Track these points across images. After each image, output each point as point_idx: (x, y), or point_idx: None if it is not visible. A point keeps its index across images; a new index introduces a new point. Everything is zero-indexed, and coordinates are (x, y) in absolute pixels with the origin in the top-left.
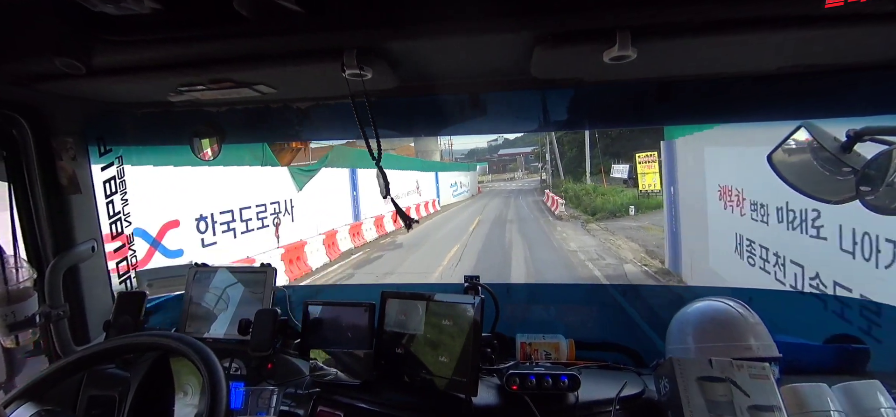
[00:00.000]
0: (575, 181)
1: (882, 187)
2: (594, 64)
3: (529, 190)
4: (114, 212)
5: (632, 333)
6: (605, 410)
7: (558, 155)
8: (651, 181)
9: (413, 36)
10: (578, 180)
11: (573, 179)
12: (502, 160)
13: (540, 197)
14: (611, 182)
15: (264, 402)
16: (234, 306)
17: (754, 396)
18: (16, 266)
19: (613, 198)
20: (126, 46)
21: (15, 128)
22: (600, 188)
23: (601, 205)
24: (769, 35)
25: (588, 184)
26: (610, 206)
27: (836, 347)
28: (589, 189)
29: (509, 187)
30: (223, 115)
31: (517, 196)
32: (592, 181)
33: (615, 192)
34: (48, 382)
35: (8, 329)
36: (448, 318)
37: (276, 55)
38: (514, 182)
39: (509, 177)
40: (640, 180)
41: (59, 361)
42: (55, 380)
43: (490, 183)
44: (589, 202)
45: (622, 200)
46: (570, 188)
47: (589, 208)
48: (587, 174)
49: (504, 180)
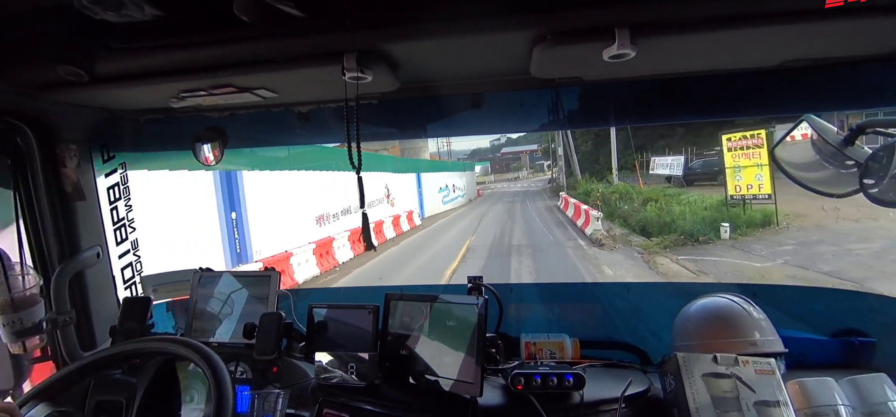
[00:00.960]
0: (595, 179)
1: (885, 180)
2: (594, 62)
3: (537, 192)
4: (118, 218)
5: (636, 331)
6: (611, 408)
7: (573, 149)
8: (753, 182)
9: (412, 38)
10: (600, 177)
11: (592, 176)
12: (505, 159)
13: (552, 201)
14: (648, 180)
15: (270, 405)
16: (238, 310)
17: (760, 391)
18: (22, 273)
19: (678, 207)
20: (128, 53)
21: (19, 136)
22: (639, 189)
23: (656, 218)
24: (770, 30)
25: (617, 183)
26: (682, 221)
27: (842, 341)
28: (622, 191)
29: (513, 188)
30: (225, 119)
31: (524, 201)
32: (620, 179)
33: (667, 195)
34: (58, 386)
35: (15, 336)
36: (452, 319)
37: (276, 59)
38: (518, 182)
39: (513, 177)
40: (732, 180)
41: (69, 365)
42: (64, 385)
43: (492, 184)
44: (630, 212)
45: (702, 211)
46: (594, 189)
47: (635, 224)
48: (613, 171)
49: (507, 180)
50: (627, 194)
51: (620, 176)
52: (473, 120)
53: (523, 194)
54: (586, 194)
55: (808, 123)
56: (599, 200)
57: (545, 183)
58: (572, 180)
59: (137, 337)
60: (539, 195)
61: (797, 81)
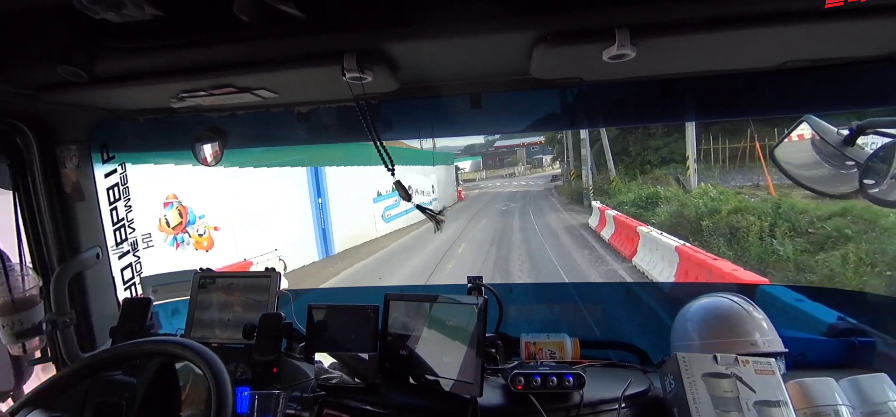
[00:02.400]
0: (628, 177)
1: (886, 181)
2: (594, 63)
3: (540, 193)
4: (117, 219)
5: (636, 331)
6: (611, 408)
7: (606, 138)
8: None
9: (413, 38)
10: (630, 175)
11: (625, 169)
12: (499, 154)
13: (568, 211)
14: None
15: (270, 406)
16: (238, 310)
17: (760, 391)
18: (22, 274)
19: None
20: (128, 54)
21: (19, 136)
22: (768, 197)
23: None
24: (770, 31)
25: (700, 186)
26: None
27: (843, 341)
28: (733, 202)
29: (509, 188)
30: (225, 120)
31: (524, 210)
32: (701, 179)
33: None
34: (56, 389)
35: (15, 337)
36: (452, 319)
37: (276, 60)
38: (514, 180)
39: (508, 173)
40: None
41: (65, 368)
42: (63, 387)
43: (483, 182)
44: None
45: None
46: (658, 197)
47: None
48: (689, 164)
49: (502, 177)
50: (748, 209)
51: (703, 172)
52: (473, 120)
53: (522, 198)
54: (641, 206)
55: (808, 124)
56: (689, 219)
57: (546, 180)
58: (600, 179)
59: (138, 338)
60: (544, 198)
61: (797, 82)
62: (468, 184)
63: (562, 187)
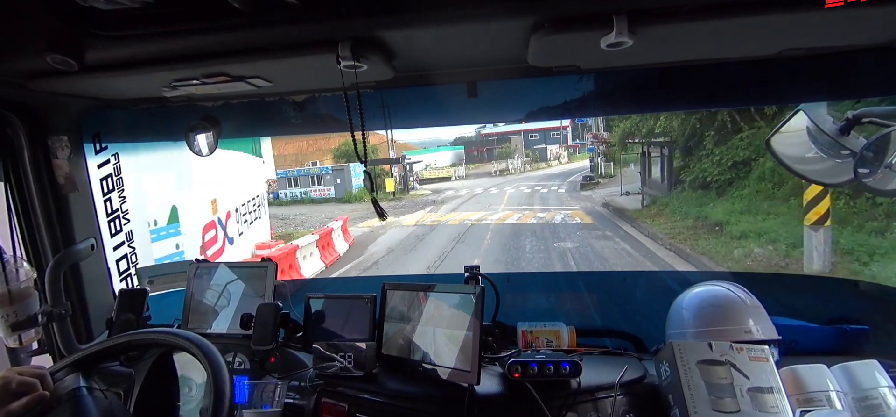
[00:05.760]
0: None
1: (880, 170)
2: (592, 51)
3: (587, 230)
4: (112, 209)
5: (632, 319)
6: (607, 395)
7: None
8: None
9: (409, 25)
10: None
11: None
12: (487, 143)
13: None
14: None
15: (268, 395)
16: (235, 301)
17: (754, 378)
18: (16, 266)
19: None
20: (118, 42)
21: (10, 127)
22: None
23: None
24: (768, 19)
25: None
26: None
27: (836, 328)
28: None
29: (497, 204)
30: (219, 109)
31: None
32: None
33: None
34: (90, 360)
35: (10, 329)
36: (449, 308)
37: (270, 48)
38: (507, 179)
39: (498, 169)
40: None
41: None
42: (95, 360)
43: (458, 181)
44: None
45: None
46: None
47: None
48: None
49: (488, 176)
50: None
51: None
52: (470, 109)
53: (541, 244)
54: None
55: (804, 113)
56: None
57: (563, 181)
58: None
59: (134, 329)
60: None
61: (795, 71)
62: (434, 186)
63: (592, 190)
